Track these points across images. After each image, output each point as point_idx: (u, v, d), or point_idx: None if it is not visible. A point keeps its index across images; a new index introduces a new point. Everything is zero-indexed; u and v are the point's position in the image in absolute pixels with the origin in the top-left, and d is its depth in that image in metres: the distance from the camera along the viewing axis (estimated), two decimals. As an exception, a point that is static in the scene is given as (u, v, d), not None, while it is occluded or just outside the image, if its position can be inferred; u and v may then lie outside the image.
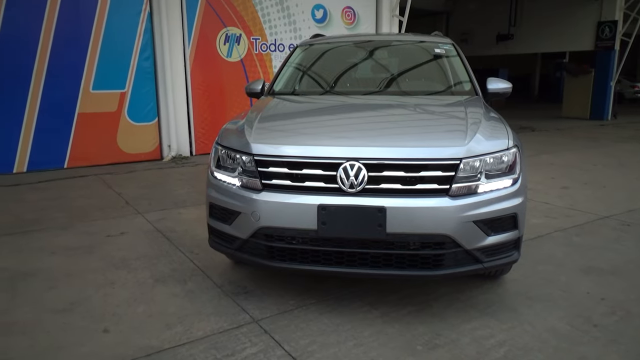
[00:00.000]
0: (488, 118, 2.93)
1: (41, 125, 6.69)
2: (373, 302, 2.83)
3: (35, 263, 3.44)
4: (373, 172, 2.45)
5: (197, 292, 2.98)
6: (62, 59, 6.72)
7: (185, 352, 2.34)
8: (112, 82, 7.16)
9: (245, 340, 2.45)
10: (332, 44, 4.41)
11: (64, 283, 3.12)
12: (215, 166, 2.88)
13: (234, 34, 8.13)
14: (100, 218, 4.50)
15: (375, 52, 4.28)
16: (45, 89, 6.66)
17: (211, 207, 2.87)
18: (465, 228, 2.43)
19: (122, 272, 3.29)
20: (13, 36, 6.35)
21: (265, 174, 2.59)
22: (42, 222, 4.38)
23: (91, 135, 7.05)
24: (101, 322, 2.63)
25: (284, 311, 2.74)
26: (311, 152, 2.56)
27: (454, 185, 2.44)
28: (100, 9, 6.91)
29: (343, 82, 4.07)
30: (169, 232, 4.08)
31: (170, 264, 3.42)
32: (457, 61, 3.93)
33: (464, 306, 2.80)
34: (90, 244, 3.82)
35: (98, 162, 7.12)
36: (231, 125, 3.10)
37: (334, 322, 2.62)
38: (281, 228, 2.53)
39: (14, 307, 2.81)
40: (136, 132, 7.44)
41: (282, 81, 4.01)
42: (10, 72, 6.41)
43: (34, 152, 6.69)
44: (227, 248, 2.81)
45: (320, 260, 2.56)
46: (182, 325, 2.60)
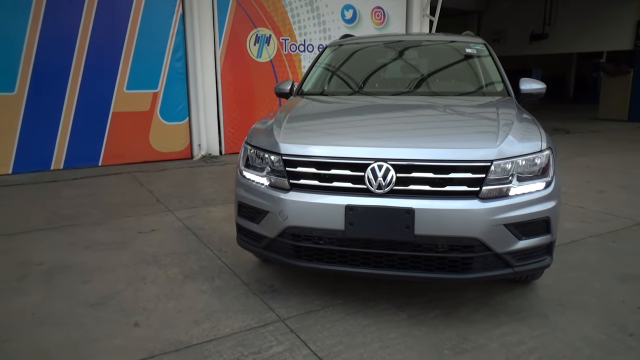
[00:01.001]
0: (520, 119, 2.87)
1: (77, 124, 6.90)
2: (400, 304, 2.81)
3: (70, 257, 3.56)
4: (401, 173, 2.44)
5: (224, 290, 3.02)
6: (98, 60, 6.92)
7: (213, 349, 2.38)
8: (145, 83, 7.33)
9: (272, 338, 2.47)
10: (362, 44, 4.40)
11: (97, 277, 3.21)
12: (244, 165, 2.92)
13: (263, 35, 8.20)
14: (133, 215, 4.61)
15: (404, 53, 4.24)
16: (82, 89, 6.88)
17: (240, 206, 2.90)
18: (496, 231, 2.38)
19: (152, 268, 3.36)
20: (52, 38, 6.57)
21: (293, 174, 2.61)
22: (78, 218, 4.52)
23: (125, 134, 7.24)
24: (132, 316, 2.70)
25: (310, 311, 2.75)
26: (339, 152, 2.56)
27: (484, 188, 2.40)
28: (134, 11, 7.09)
29: (372, 82, 4.06)
30: (198, 230, 4.15)
31: (199, 261, 3.48)
32: (489, 61, 3.86)
33: (493, 311, 2.75)
34: (122, 239, 3.93)
35: (131, 160, 7.30)
36: (260, 125, 3.13)
37: (360, 323, 2.62)
38: (308, 228, 2.54)
39: (50, 299, 2.91)
40: (168, 131, 7.59)
41: (311, 81, 4.02)
42: (49, 73, 6.64)
43: (70, 150, 6.91)
44: (254, 247, 2.84)
45: (347, 261, 2.56)
46: (209, 321, 2.64)
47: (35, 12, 6.43)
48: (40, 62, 6.55)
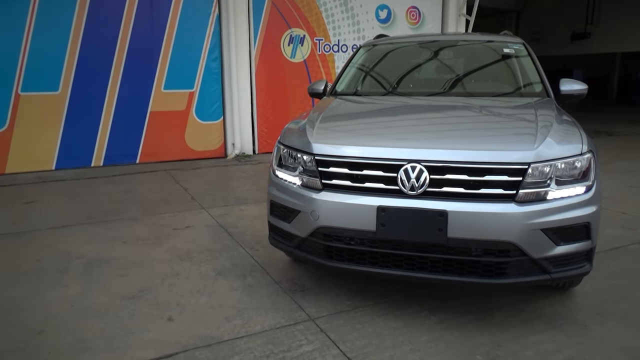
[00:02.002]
0: (560, 121, 2.78)
1: (117, 122, 7.13)
2: (431, 308, 2.77)
3: (108, 251, 3.67)
4: (435, 175, 2.40)
5: (256, 287, 3.05)
6: (137, 61, 7.12)
7: (244, 345, 2.41)
8: (182, 82, 7.50)
9: (302, 337, 2.48)
10: (396, 44, 4.37)
11: (133, 271, 3.30)
12: (277, 165, 2.94)
13: (298, 35, 8.25)
14: (168, 212, 4.72)
15: (440, 53, 4.18)
16: (122, 89, 7.09)
17: (272, 205, 2.93)
18: (532, 236, 2.32)
19: (186, 264, 3.43)
20: (94, 40, 6.81)
21: (325, 174, 2.61)
22: (116, 214, 4.66)
23: (161, 132, 7.42)
24: (166, 310, 2.76)
25: (340, 311, 2.74)
26: (372, 153, 2.55)
27: (521, 191, 2.34)
28: (172, 13, 7.26)
29: (406, 82, 4.02)
30: (230, 228, 4.21)
31: (231, 258, 3.53)
32: (528, 61, 3.76)
33: (528, 317, 2.68)
34: (158, 235, 4.02)
35: (167, 158, 7.48)
36: (293, 124, 3.15)
37: (391, 325, 2.59)
38: (340, 228, 2.54)
39: (89, 291, 3.01)
40: (203, 130, 7.74)
41: (345, 82, 4.02)
42: (91, 73, 6.87)
43: (109, 148, 7.14)
44: (286, 246, 2.85)
45: (378, 262, 2.54)
46: (241, 318, 2.67)
47: (79, 15, 6.68)
48: (83, 63, 6.80)
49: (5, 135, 6.54)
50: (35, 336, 2.49)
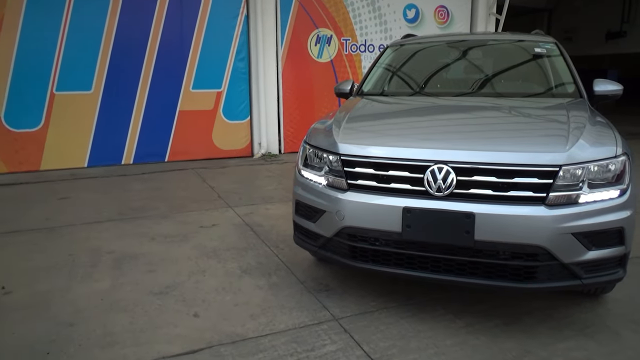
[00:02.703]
0: (593, 123, 2.71)
1: (147, 121, 7.28)
2: (457, 311, 2.73)
3: (137, 247, 3.75)
4: (462, 176, 2.37)
5: (280, 286, 3.07)
6: (167, 61, 7.26)
7: (268, 343, 2.42)
8: (210, 82, 7.60)
9: (325, 337, 2.48)
10: (424, 44, 4.32)
11: (161, 268, 3.37)
12: (303, 164, 2.95)
13: (325, 35, 8.26)
14: (195, 209, 4.79)
15: (468, 52, 4.12)
16: (152, 89, 7.24)
17: (297, 205, 2.94)
18: (563, 240, 2.26)
19: (212, 261, 3.48)
20: (125, 40, 6.97)
21: (351, 174, 2.61)
22: (145, 211, 4.76)
23: (189, 131, 7.54)
24: (192, 306, 2.81)
25: (364, 312, 2.73)
26: (398, 153, 2.53)
27: (551, 194, 2.29)
28: (201, 14, 7.37)
29: (434, 83, 3.98)
30: (256, 227, 4.24)
31: (256, 257, 3.56)
32: (560, 61, 3.67)
33: (557, 324, 2.61)
34: (185, 233, 4.09)
35: (195, 156, 7.59)
36: (319, 124, 3.16)
37: (415, 327, 2.57)
38: (365, 229, 2.53)
39: (118, 286, 3.08)
40: (230, 129, 7.83)
41: (372, 82, 4.00)
42: (122, 73, 7.04)
43: (139, 146, 7.30)
44: (311, 245, 2.86)
45: (403, 264, 2.52)
46: (265, 316, 2.69)
47: (111, 17, 6.85)
48: (115, 63, 6.96)
49: (40, 133, 6.76)
50: (66, 328, 2.57)
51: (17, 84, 6.55)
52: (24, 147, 6.70)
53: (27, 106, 6.64)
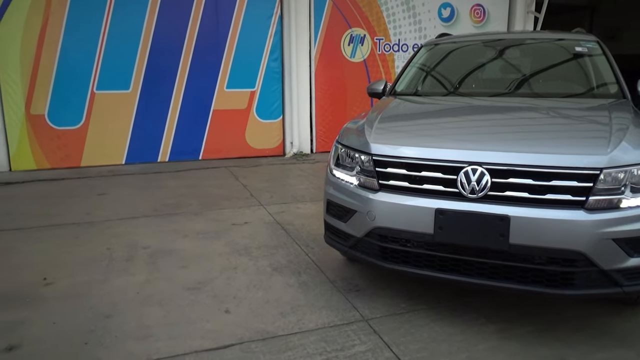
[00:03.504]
0: (638, 124, 2.60)
1: (182, 120, 7.44)
2: (489, 316, 2.68)
3: (171, 243, 3.84)
4: (497, 178, 2.32)
5: (310, 285, 3.08)
6: (202, 61, 7.39)
7: (297, 342, 2.44)
8: (244, 82, 7.70)
9: (355, 337, 2.48)
10: (459, 43, 4.26)
11: (194, 264, 3.44)
12: (335, 164, 2.95)
13: (358, 35, 8.23)
14: (228, 207, 4.86)
15: (505, 52, 4.03)
16: (187, 89, 7.39)
17: (328, 204, 2.94)
18: (603, 246, 2.18)
19: (244, 258, 3.52)
20: (163, 41, 7.14)
21: (382, 174, 2.59)
22: (179, 207, 4.87)
23: (223, 130, 7.66)
24: (223, 302, 2.85)
25: (394, 313, 2.71)
26: (431, 154, 2.50)
27: (591, 198, 2.21)
28: (236, 14, 7.47)
29: (469, 83, 3.91)
30: (287, 225, 4.27)
31: (287, 255, 3.58)
32: (602, 60, 3.54)
33: (596, 332, 2.52)
34: (217, 230, 4.16)
35: (228, 155, 7.71)
36: (352, 124, 3.15)
37: (446, 331, 2.54)
38: (396, 229, 2.51)
39: (152, 280, 3.16)
40: (262, 128, 7.91)
41: (405, 81, 3.97)
42: (159, 73, 7.22)
43: (175, 144, 7.46)
44: (341, 245, 2.86)
45: (435, 266, 2.49)
46: (295, 315, 2.70)
47: (149, 18, 7.03)
48: (152, 63, 7.14)
49: (81, 131, 7.00)
50: (103, 319, 2.66)
51: (60, 83, 6.81)
52: (66, 144, 6.97)
53: (69, 105, 6.90)
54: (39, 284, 3.11)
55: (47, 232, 4.15)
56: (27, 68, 6.65)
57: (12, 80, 6.62)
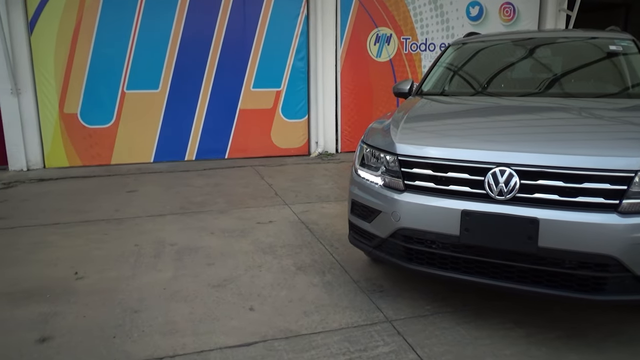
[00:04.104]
0: (675, 125, 2.51)
1: (209, 119, 7.55)
2: (517, 320, 2.63)
3: (198, 241, 3.90)
4: (526, 180, 2.27)
5: (334, 285, 3.08)
6: (229, 61, 7.48)
7: (321, 341, 2.44)
8: (270, 81, 7.75)
9: (378, 338, 2.46)
10: (487, 42, 4.19)
11: (219, 261, 3.48)
12: (360, 164, 2.94)
13: (384, 34, 8.19)
14: (253, 206, 4.91)
15: (535, 50, 3.94)
16: (214, 88, 7.49)
17: (353, 204, 2.93)
18: (637, 251, 2.11)
19: (268, 257, 3.55)
20: (191, 42, 7.26)
21: (408, 175, 2.57)
22: (206, 205, 4.94)
23: (249, 129, 7.74)
24: (248, 300, 2.88)
25: (419, 315, 2.69)
26: (457, 154, 2.47)
27: (625, 201, 2.14)
28: (263, 15, 7.53)
29: (497, 82, 3.84)
30: (311, 225, 4.28)
31: (311, 254, 3.59)
32: (638, 59, 3.43)
33: (628, 339, 2.45)
34: (243, 228, 4.20)
35: (253, 154, 7.78)
36: (377, 124, 3.14)
37: (472, 334, 2.50)
38: (421, 230, 2.49)
39: (179, 277, 3.22)
40: (288, 128, 7.95)
41: (432, 81, 3.92)
42: (187, 73, 7.34)
43: (201, 143, 7.58)
44: (365, 245, 2.85)
45: (461, 268, 2.46)
46: (318, 314, 2.71)
47: (178, 19, 7.15)
48: (180, 63, 7.27)
49: (112, 129, 7.18)
50: (131, 314, 2.72)
51: (92, 83, 7.00)
52: (97, 142, 7.15)
53: (100, 104, 7.08)
54: (71, 278, 3.20)
55: (78, 228, 4.26)
56: (60, 69, 6.86)
57: (46, 80, 6.84)
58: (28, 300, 2.89)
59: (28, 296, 2.95)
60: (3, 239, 4.01)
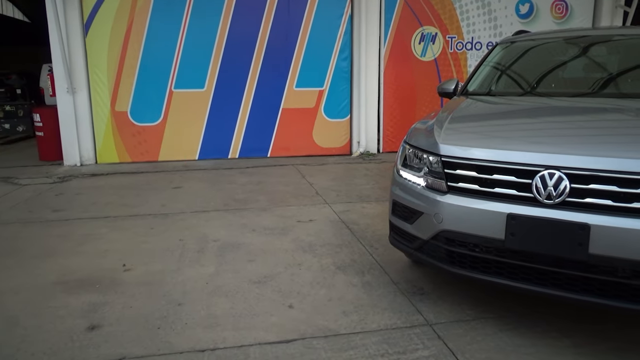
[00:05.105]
0: None
1: (252, 118, 7.68)
2: (564, 329, 2.53)
3: (239, 237, 3.97)
4: (577, 184, 2.18)
5: (373, 285, 3.07)
6: (273, 61, 7.58)
7: (359, 341, 2.43)
8: (313, 81, 7.80)
9: (418, 341, 2.43)
10: (538, 40, 4.04)
11: (260, 258, 3.53)
12: (402, 165, 2.91)
13: (429, 33, 8.06)
14: (294, 204, 4.95)
15: (589, 49, 3.77)
16: (258, 87, 7.61)
17: (394, 205, 2.91)
18: (698, 261, 1.99)
19: (308, 255, 3.57)
20: (236, 42, 7.42)
21: (451, 176, 2.52)
22: (248, 203, 5.02)
23: (291, 128, 7.81)
24: (288, 297, 2.91)
25: (460, 320, 2.64)
26: (504, 156, 2.39)
27: (685, 208, 2.02)
28: (307, 15, 7.58)
29: (547, 82, 3.70)
30: (352, 224, 4.28)
31: (351, 254, 3.58)
32: (703, 58, 3.22)
33: (685, 355, 2.31)
34: (283, 226, 4.24)
35: (295, 153, 7.85)
36: (420, 124, 3.09)
37: (515, 341, 2.42)
38: (464, 233, 2.44)
39: (221, 272, 3.29)
40: (330, 127, 7.97)
41: (478, 81, 3.83)
42: (232, 73, 7.49)
43: (245, 141, 7.72)
44: (406, 247, 2.82)
45: (505, 273, 2.38)
46: (357, 314, 2.70)
47: (224, 20, 7.32)
48: (226, 63, 7.43)
49: (159, 127, 7.42)
50: (175, 307, 2.80)
51: (142, 82, 7.26)
52: (145, 139, 7.42)
53: (149, 102, 7.34)
54: (119, 270, 3.33)
55: (126, 221, 4.43)
56: (113, 68, 7.15)
57: (100, 79, 7.15)
58: (80, 290, 3.03)
59: (80, 285, 3.09)
60: (59, 230, 4.22)
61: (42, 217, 4.61)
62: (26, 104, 10.27)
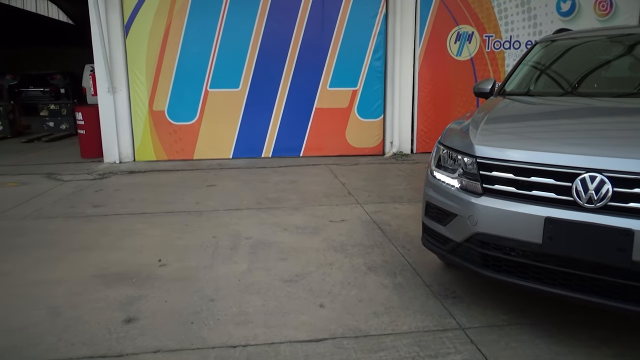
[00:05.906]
0: None
1: (286, 117, 7.73)
2: (603, 338, 2.43)
3: (271, 236, 4.01)
4: (620, 188, 2.10)
5: (405, 287, 3.04)
6: (306, 61, 7.62)
7: (390, 343, 2.42)
8: (346, 81, 7.79)
9: (450, 345, 2.39)
10: (580, 39, 3.91)
11: (292, 257, 3.55)
12: (436, 165, 2.87)
13: (465, 32, 7.92)
14: (326, 204, 4.96)
15: (635, 47, 3.62)
16: (291, 87, 7.66)
17: (427, 206, 2.87)
18: None
19: (339, 255, 3.57)
20: (270, 42, 7.49)
21: (487, 178, 2.47)
22: (280, 201, 5.06)
23: (324, 128, 7.82)
24: (318, 297, 2.91)
25: (494, 325, 2.58)
26: (542, 158, 2.32)
27: None
28: (341, 15, 7.58)
29: (589, 82, 3.57)
30: (384, 225, 4.25)
31: (382, 255, 3.56)
32: None
33: None
34: (315, 225, 4.26)
35: (328, 153, 7.86)
36: (455, 125, 3.04)
37: (552, 349, 2.35)
38: (499, 237, 2.38)
39: (253, 270, 3.33)
40: (363, 127, 7.94)
41: (515, 81, 3.73)
42: (266, 72, 7.57)
43: (278, 141, 7.78)
44: (439, 248, 2.78)
45: (542, 279, 2.31)
46: (388, 315, 2.68)
47: (259, 22, 7.40)
48: (260, 63, 7.52)
49: (195, 126, 7.57)
50: (208, 303, 2.85)
51: (179, 82, 7.43)
52: (181, 138, 7.59)
53: (185, 102, 7.50)
54: (154, 265, 3.42)
55: (162, 218, 4.55)
56: (151, 69, 7.34)
57: (139, 79, 7.36)
58: (117, 283, 3.13)
59: (118, 279, 3.19)
60: (98, 225, 4.37)
61: (83, 212, 4.78)
62: (69, 103, 10.69)
